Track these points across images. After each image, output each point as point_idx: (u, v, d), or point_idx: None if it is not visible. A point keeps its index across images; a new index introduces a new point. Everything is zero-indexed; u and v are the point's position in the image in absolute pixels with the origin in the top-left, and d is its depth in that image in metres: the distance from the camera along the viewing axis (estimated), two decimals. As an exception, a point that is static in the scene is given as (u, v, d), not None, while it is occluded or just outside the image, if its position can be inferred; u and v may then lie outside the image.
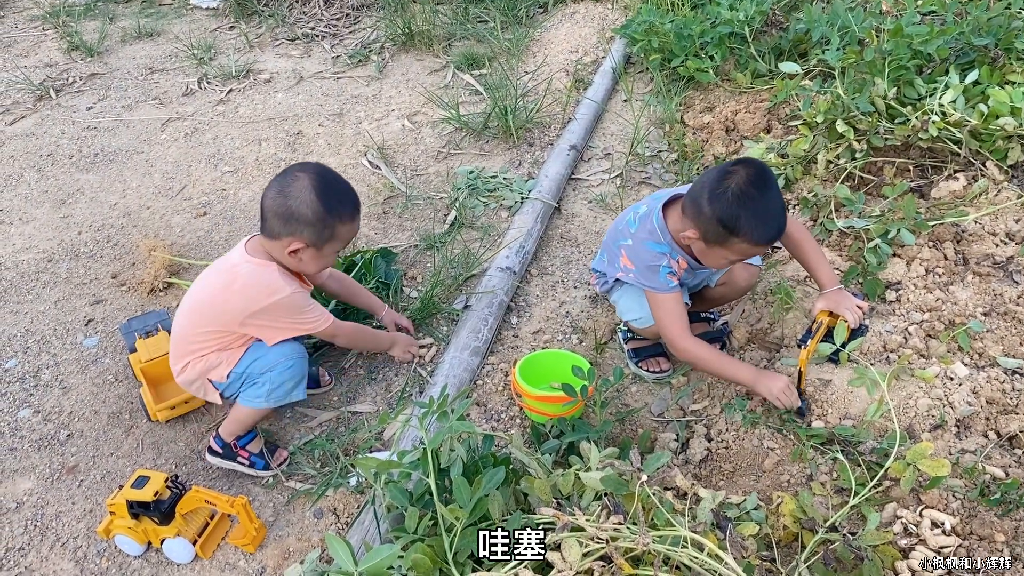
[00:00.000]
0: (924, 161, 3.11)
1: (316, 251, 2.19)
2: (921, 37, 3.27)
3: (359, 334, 2.62)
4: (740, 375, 2.30)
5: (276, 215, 2.13)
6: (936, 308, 2.51)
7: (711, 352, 2.34)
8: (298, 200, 2.11)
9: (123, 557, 2.16)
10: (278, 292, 2.19)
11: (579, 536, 1.57)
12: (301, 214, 2.11)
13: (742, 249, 2.16)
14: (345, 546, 1.57)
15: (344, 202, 2.19)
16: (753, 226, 2.10)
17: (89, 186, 3.93)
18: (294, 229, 2.13)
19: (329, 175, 2.20)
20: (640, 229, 2.37)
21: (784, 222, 2.16)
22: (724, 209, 2.11)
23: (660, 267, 2.31)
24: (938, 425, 2.12)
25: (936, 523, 1.86)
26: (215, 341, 2.27)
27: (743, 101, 3.94)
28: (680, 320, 2.35)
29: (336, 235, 2.19)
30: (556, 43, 5.16)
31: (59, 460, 2.47)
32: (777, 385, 2.22)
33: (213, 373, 2.30)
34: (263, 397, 2.29)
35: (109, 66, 5.30)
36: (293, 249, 2.16)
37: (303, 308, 2.28)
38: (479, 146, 4.12)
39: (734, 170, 2.13)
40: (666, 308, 2.35)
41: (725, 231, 2.13)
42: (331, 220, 2.14)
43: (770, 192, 2.11)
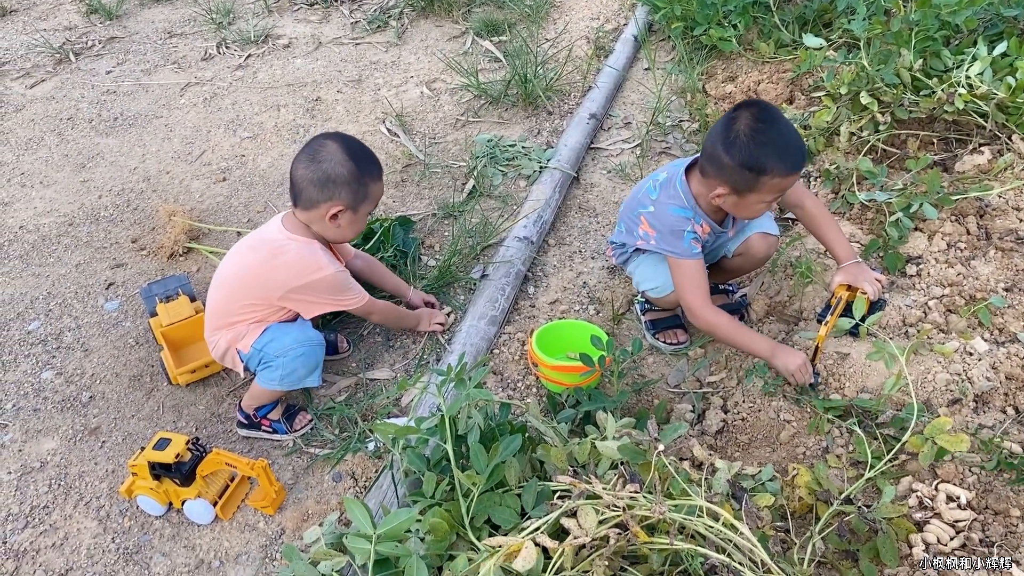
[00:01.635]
0: (949, 134, 3.08)
1: (353, 214, 2.25)
2: (949, 7, 3.22)
3: (392, 312, 2.64)
4: (758, 347, 2.30)
5: (312, 183, 2.19)
6: (957, 283, 2.49)
7: (730, 322, 2.33)
8: (332, 162, 2.17)
9: (145, 517, 2.20)
10: (324, 269, 2.26)
11: (595, 504, 1.58)
12: (338, 175, 2.17)
13: (774, 185, 2.13)
14: (364, 509, 1.59)
15: (372, 161, 2.27)
16: (777, 158, 2.08)
17: (109, 150, 3.95)
18: (332, 193, 2.19)
19: (351, 139, 2.26)
20: (662, 195, 2.36)
21: (803, 146, 2.14)
22: (743, 153, 2.10)
23: (685, 232, 2.30)
24: (956, 400, 2.11)
25: (952, 497, 1.86)
26: (252, 313, 2.31)
27: (766, 71, 3.89)
28: (701, 287, 2.34)
29: (369, 195, 2.25)
30: (577, 10, 5.11)
31: (82, 421, 2.50)
32: (794, 362, 2.21)
33: (240, 343, 2.33)
34: (276, 381, 2.31)
35: (128, 30, 5.29)
36: (333, 213, 2.21)
37: (345, 286, 2.36)
38: (498, 114, 4.10)
39: (737, 114, 2.13)
40: (688, 274, 2.35)
41: (752, 174, 2.11)
42: (364, 179, 2.21)
43: (780, 122, 2.11)
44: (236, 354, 2.35)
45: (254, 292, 2.29)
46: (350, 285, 2.39)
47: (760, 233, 2.46)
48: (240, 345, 2.33)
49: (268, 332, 2.30)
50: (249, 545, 2.12)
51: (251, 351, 2.32)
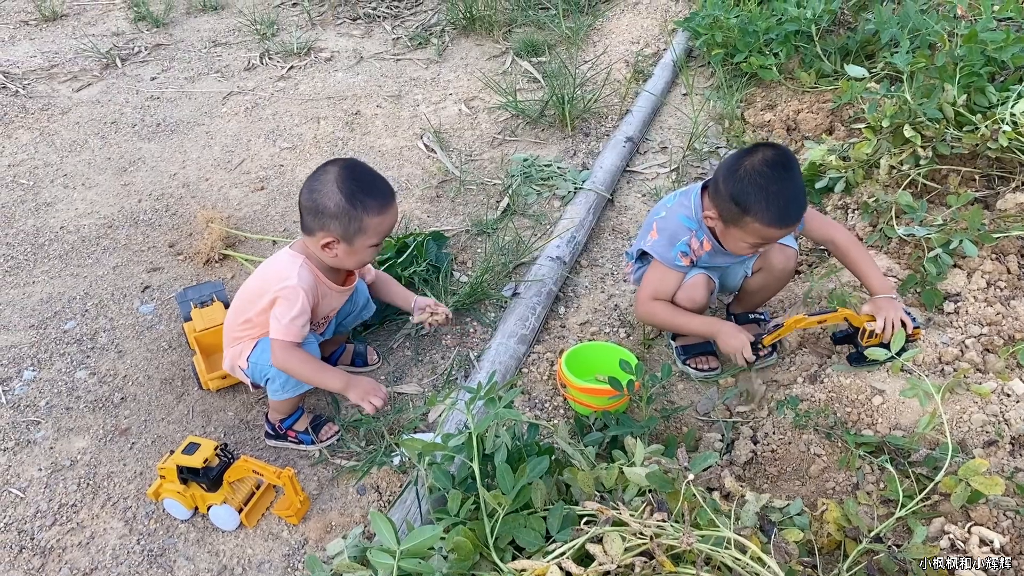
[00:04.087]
0: (991, 171, 3.04)
1: (348, 246, 2.17)
2: (996, 44, 3.19)
3: (311, 373, 2.25)
4: (696, 327, 2.41)
5: (307, 210, 2.17)
6: (996, 322, 2.45)
7: (667, 308, 2.42)
8: (322, 194, 2.12)
9: (170, 520, 2.22)
10: (286, 280, 2.19)
11: (621, 530, 1.57)
12: (325, 207, 2.12)
13: (756, 230, 2.18)
14: (388, 524, 1.59)
15: (371, 194, 2.14)
16: (763, 206, 2.13)
17: (150, 155, 4.01)
18: (322, 223, 2.14)
19: (358, 169, 2.18)
20: (676, 203, 2.43)
21: (800, 208, 2.17)
22: (736, 187, 2.15)
23: (678, 241, 2.36)
24: (992, 441, 2.07)
25: (985, 541, 1.82)
26: (250, 330, 2.34)
27: (806, 101, 3.88)
28: (661, 288, 2.42)
29: (364, 228, 2.14)
30: (617, 33, 5.12)
31: (112, 422, 2.53)
32: (735, 342, 2.31)
33: (240, 360, 2.36)
34: (280, 390, 2.32)
35: (174, 37, 5.39)
36: (325, 243, 2.17)
37: (295, 306, 2.18)
38: (535, 134, 4.11)
39: (754, 150, 2.17)
40: (658, 277, 2.43)
41: (738, 210, 2.17)
42: (356, 213, 2.11)
43: (787, 174, 2.13)
44: (241, 371, 2.39)
45: (250, 306, 2.29)
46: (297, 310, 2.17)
47: (777, 246, 2.46)
48: (240, 363, 2.37)
49: (259, 345, 2.32)
50: (272, 553, 2.13)
51: (249, 366, 2.34)
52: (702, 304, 2.44)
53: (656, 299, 2.42)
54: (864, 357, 2.24)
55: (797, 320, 2.29)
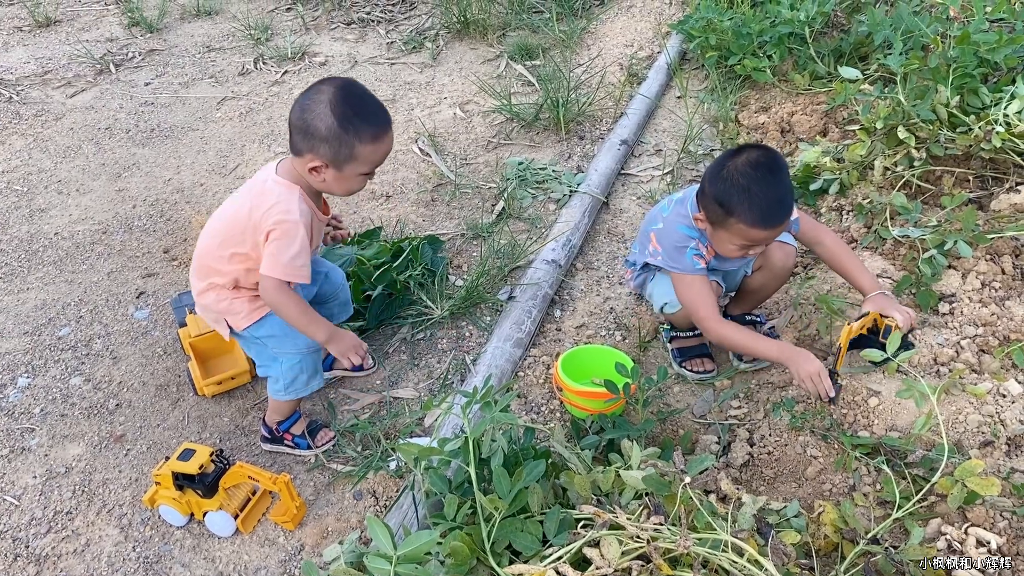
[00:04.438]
0: (985, 172, 3.05)
1: (337, 172, 2.05)
2: (989, 45, 3.19)
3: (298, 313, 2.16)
4: (771, 352, 2.29)
5: (296, 129, 2.03)
6: (991, 323, 2.46)
7: (740, 331, 2.35)
8: (314, 114, 1.97)
9: (166, 527, 2.21)
10: (289, 214, 2.06)
11: (618, 534, 1.56)
12: (316, 129, 1.98)
13: (740, 231, 2.17)
14: (385, 529, 1.58)
15: (366, 120, 2.00)
16: (746, 207, 2.12)
17: (145, 161, 4.00)
18: (312, 145, 2.00)
19: (354, 90, 2.04)
20: (672, 213, 2.40)
21: (785, 210, 2.15)
22: (720, 188, 2.15)
23: (687, 248, 2.33)
24: (988, 442, 2.07)
25: (982, 541, 1.82)
26: (238, 265, 2.18)
27: (800, 103, 3.88)
28: (708, 300, 2.35)
29: (356, 155, 2.02)
30: (611, 36, 5.13)
31: (107, 428, 2.52)
32: (809, 367, 2.14)
33: (232, 319, 2.26)
34: (282, 391, 2.31)
35: (168, 43, 5.38)
36: (312, 167, 2.04)
37: (295, 243, 2.07)
38: (529, 137, 4.11)
39: (740, 151, 2.17)
40: (693, 289, 2.36)
41: (722, 211, 2.16)
42: (348, 139, 1.98)
43: (771, 176, 2.12)
44: (226, 324, 2.28)
45: (240, 239, 2.14)
46: (300, 246, 2.08)
47: (777, 243, 2.46)
48: (233, 322, 2.26)
49: (266, 324, 2.24)
50: (268, 560, 2.12)
51: (246, 334, 2.27)
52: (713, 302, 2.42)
53: (720, 319, 2.34)
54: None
55: (848, 333, 2.20)
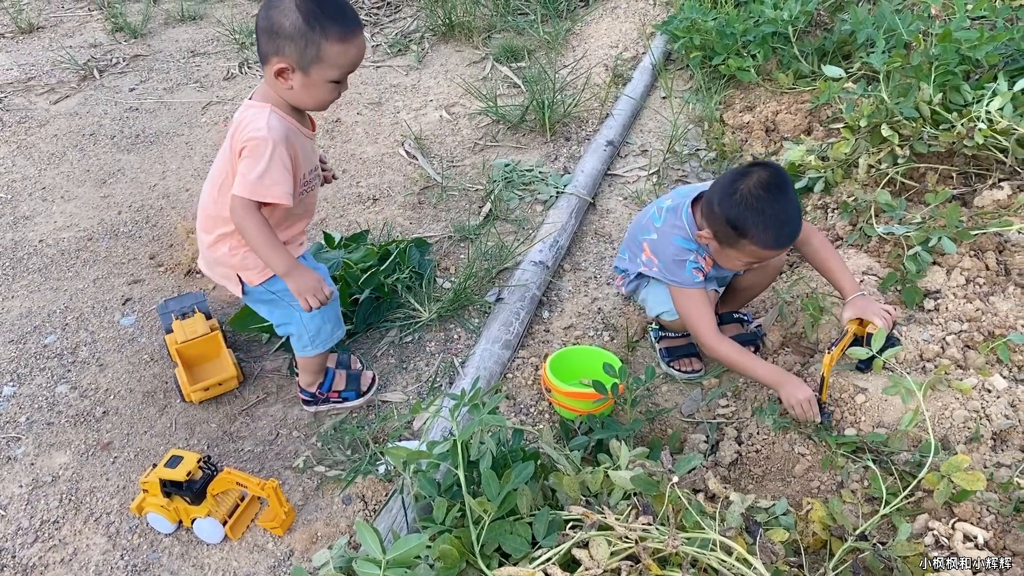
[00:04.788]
0: (968, 169, 3.07)
1: (304, 75, 1.93)
2: (970, 42, 3.22)
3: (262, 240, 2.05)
4: (765, 375, 2.28)
5: (262, 31, 1.93)
6: (976, 318, 2.47)
7: (739, 351, 2.34)
8: (280, 11, 1.88)
9: (154, 534, 2.20)
10: (257, 131, 1.95)
11: (607, 535, 1.57)
12: (281, 26, 1.88)
13: (752, 251, 2.18)
14: (374, 534, 1.58)
15: (333, 17, 1.90)
16: (760, 229, 2.13)
17: (130, 167, 3.98)
18: (277, 46, 1.90)
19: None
20: (666, 224, 2.38)
21: (796, 229, 2.17)
22: (732, 210, 2.14)
23: (687, 261, 2.32)
24: (974, 438, 2.09)
25: (969, 536, 1.83)
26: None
27: (784, 102, 3.90)
28: (707, 315, 2.35)
29: (322, 56, 1.91)
30: (596, 37, 5.14)
31: (94, 436, 2.51)
32: (799, 395, 2.17)
33: (246, 274, 2.21)
34: (309, 345, 2.32)
35: (152, 48, 5.36)
36: (279, 69, 1.93)
37: (264, 159, 1.96)
38: (516, 139, 4.12)
39: (749, 171, 2.16)
40: (693, 304, 2.36)
41: (734, 232, 2.16)
42: (314, 36, 1.88)
43: (782, 196, 2.13)
44: (239, 280, 2.23)
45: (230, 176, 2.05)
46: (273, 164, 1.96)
47: None
48: (247, 277, 2.21)
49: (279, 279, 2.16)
50: (258, 566, 2.11)
51: (261, 289, 2.23)
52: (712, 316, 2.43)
53: (718, 336, 2.34)
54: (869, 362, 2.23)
55: (830, 360, 2.21)
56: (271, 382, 2.69)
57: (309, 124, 2.15)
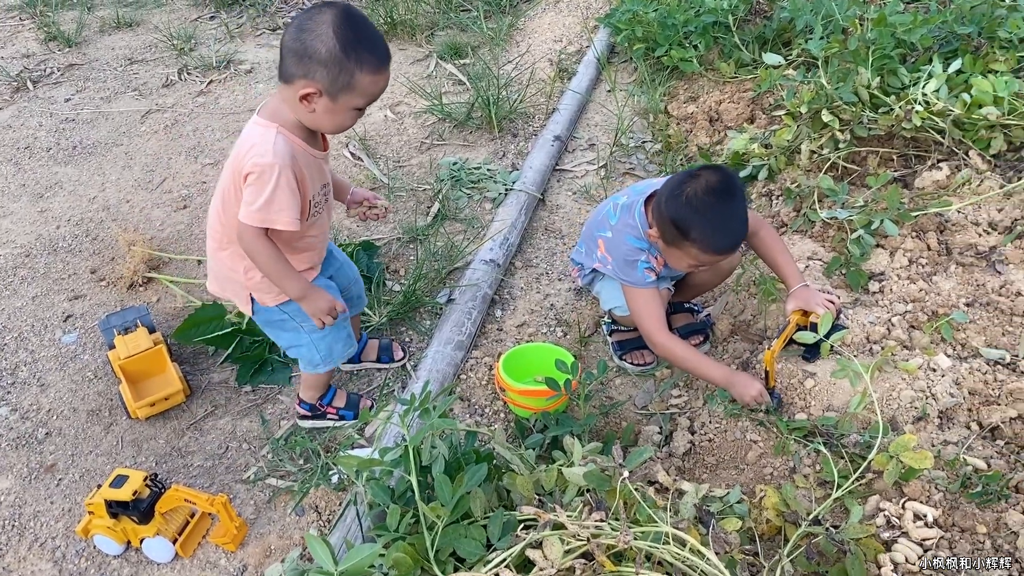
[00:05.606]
0: (908, 151, 3.11)
1: (331, 101, 1.90)
2: (905, 26, 3.26)
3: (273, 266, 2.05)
4: (714, 376, 2.31)
5: (291, 52, 1.88)
6: (919, 299, 2.51)
7: (687, 350, 2.36)
8: (314, 36, 1.84)
9: (102, 557, 2.14)
10: (262, 156, 1.91)
11: (561, 534, 1.55)
12: (316, 51, 1.83)
13: (695, 254, 2.20)
14: (324, 546, 1.55)
15: (369, 48, 1.88)
16: (703, 232, 2.14)
17: (67, 179, 3.88)
18: (308, 69, 1.86)
19: (357, 15, 1.91)
20: (620, 222, 2.38)
21: (739, 235, 2.19)
22: (678, 211, 2.16)
23: (638, 261, 2.32)
24: (921, 417, 2.12)
25: (919, 515, 1.85)
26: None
27: (727, 91, 3.92)
28: (657, 315, 2.36)
29: (354, 85, 1.88)
30: (540, 32, 5.13)
31: (37, 459, 2.44)
32: (750, 391, 2.21)
33: (259, 295, 2.18)
34: (321, 364, 2.31)
35: (87, 57, 5.23)
36: (305, 93, 1.88)
37: (268, 185, 1.92)
38: (463, 137, 4.09)
39: (699, 174, 2.17)
40: (642, 302, 2.37)
41: (678, 233, 2.18)
42: (349, 64, 1.85)
43: (729, 202, 2.14)
44: (250, 299, 2.20)
45: (234, 193, 2.01)
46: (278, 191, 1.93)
47: None
48: (261, 298, 2.18)
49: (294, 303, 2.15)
50: (210, 583, 2.07)
51: (274, 309, 2.20)
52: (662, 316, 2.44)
53: (668, 335, 2.35)
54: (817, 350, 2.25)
55: (771, 353, 2.23)
56: (219, 394, 2.64)
57: (320, 143, 2.11)
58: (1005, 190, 2.76)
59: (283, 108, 1.97)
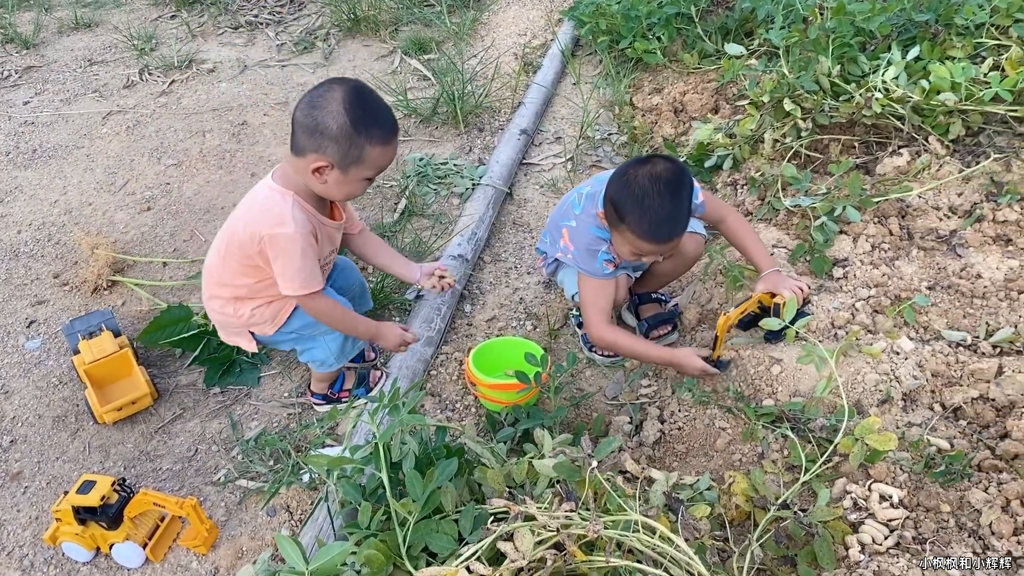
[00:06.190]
0: (869, 138, 3.15)
1: (342, 174, 2.01)
2: (863, 14, 3.30)
3: (339, 317, 2.26)
4: (658, 357, 2.38)
5: (303, 127, 1.98)
6: (882, 283, 2.54)
7: (628, 337, 2.40)
8: (326, 112, 1.94)
9: (71, 564, 2.12)
10: (281, 226, 2.03)
11: (531, 525, 1.56)
12: (327, 127, 1.94)
13: (630, 239, 2.20)
14: (295, 545, 1.54)
15: (378, 123, 1.99)
16: (636, 218, 2.15)
17: (28, 183, 3.82)
18: (319, 144, 1.96)
19: (366, 92, 2.01)
20: (584, 212, 2.39)
21: (675, 229, 2.19)
22: (618, 193, 2.19)
23: (599, 252, 2.34)
24: (885, 400, 2.14)
25: (884, 496, 1.88)
26: (247, 279, 2.19)
27: (691, 82, 3.94)
28: (603, 307, 2.40)
29: (364, 158, 1.99)
30: (504, 26, 5.12)
31: (2, 467, 2.40)
32: (694, 368, 2.29)
33: (258, 328, 2.29)
34: (334, 363, 2.37)
35: (46, 59, 5.15)
36: (317, 167, 1.99)
37: (299, 255, 2.06)
38: (428, 132, 4.08)
39: (650, 161, 2.19)
40: (592, 292, 2.40)
41: (616, 215, 2.20)
42: (359, 140, 1.96)
43: (669, 194, 2.14)
44: (249, 334, 2.31)
45: (242, 250, 2.12)
46: (303, 258, 2.07)
47: (688, 232, 2.48)
48: (261, 330, 2.29)
49: (295, 318, 2.26)
50: (182, 587, 2.06)
51: (277, 335, 2.30)
52: (621, 301, 2.49)
53: (608, 325, 2.38)
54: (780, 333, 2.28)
55: (725, 320, 2.27)
56: (187, 397, 2.62)
57: (329, 210, 2.21)
58: (964, 174, 2.81)
59: (296, 176, 2.06)
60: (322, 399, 2.55)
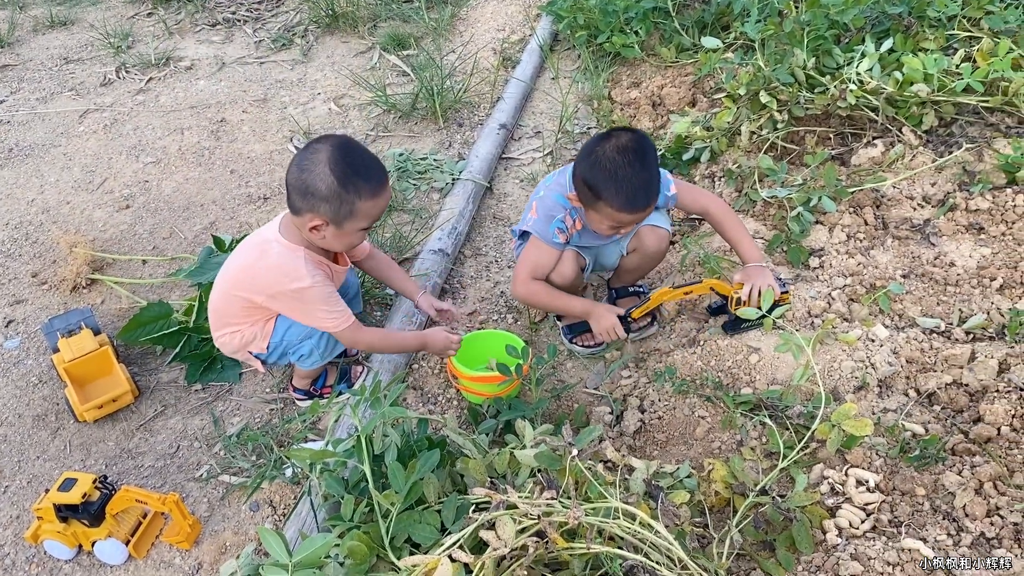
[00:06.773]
0: (844, 129, 3.18)
1: (337, 229, 2.09)
2: (837, 7, 3.33)
3: (384, 342, 2.46)
4: (576, 308, 2.48)
5: (295, 189, 2.06)
6: (858, 272, 2.57)
7: (544, 289, 2.46)
8: (313, 175, 2.01)
9: (53, 562, 2.11)
10: (299, 281, 2.14)
11: (513, 513, 1.57)
12: (316, 189, 2.01)
13: (609, 214, 2.24)
14: (278, 538, 1.55)
15: (365, 177, 2.06)
16: (613, 192, 2.19)
17: (4, 183, 3.79)
18: (312, 205, 2.04)
19: (350, 148, 2.08)
20: (554, 183, 2.45)
21: (650, 193, 2.23)
22: (589, 171, 2.22)
23: (555, 218, 2.38)
24: (861, 386, 2.18)
25: (861, 481, 1.91)
26: (250, 315, 2.30)
27: (668, 75, 3.97)
28: (534, 267, 2.45)
29: (356, 212, 2.06)
30: (482, 21, 5.13)
31: (-18, 467, 2.39)
32: (606, 322, 2.40)
33: (252, 346, 2.36)
34: (319, 359, 2.40)
35: (21, 57, 5.10)
36: (313, 225, 2.08)
37: (323, 301, 2.19)
38: (408, 128, 4.08)
39: (611, 135, 2.23)
40: (534, 252, 2.45)
41: (591, 194, 2.24)
42: (348, 196, 2.03)
43: (637, 161, 2.18)
44: (251, 355, 2.39)
45: (248, 290, 2.23)
46: (329, 301, 2.21)
47: (649, 226, 2.52)
48: (253, 348, 2.36)
49: (280, 325, 2.32)
50: (166, 583, 2.06)
51: (269, 350, 2.36)
52: (571, 280, 2.49)
53: (534, 278, 2.44)
54: (738, 323, 2.34)
55: (663, 293, 2.35)
56: (168, 394, 2.61)
57: (334, 256, 2.33)
58: (937, 164, 2.84)
59: (300, 232, 2.15)
60: (304, 395, 2.56)
